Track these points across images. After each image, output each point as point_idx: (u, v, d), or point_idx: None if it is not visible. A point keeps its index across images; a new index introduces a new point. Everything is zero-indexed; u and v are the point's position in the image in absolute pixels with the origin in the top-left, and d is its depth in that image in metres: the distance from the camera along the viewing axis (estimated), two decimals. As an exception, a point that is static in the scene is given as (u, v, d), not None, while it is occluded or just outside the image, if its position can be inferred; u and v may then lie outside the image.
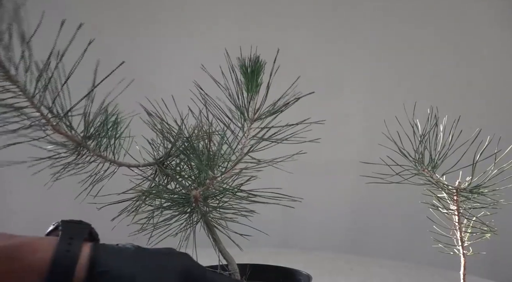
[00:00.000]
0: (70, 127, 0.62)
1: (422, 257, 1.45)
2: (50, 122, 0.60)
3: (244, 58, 0.64)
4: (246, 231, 0.67)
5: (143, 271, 0.55)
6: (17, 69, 0.56)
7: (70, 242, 0.54)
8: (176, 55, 2.01)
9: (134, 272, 0.55)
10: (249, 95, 0.67)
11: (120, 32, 1.97)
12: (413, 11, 2.01)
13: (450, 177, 0.71)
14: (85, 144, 0.64)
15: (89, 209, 0.64)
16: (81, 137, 0.64)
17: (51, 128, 0.60)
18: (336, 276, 1.22)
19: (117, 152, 0.68)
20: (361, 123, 2.01)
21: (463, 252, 0.73)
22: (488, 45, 1.96)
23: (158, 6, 2.03)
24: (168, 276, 0.57)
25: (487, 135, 0.67)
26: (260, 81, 0.66)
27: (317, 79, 1.84)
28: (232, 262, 0.72)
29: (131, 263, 0.55)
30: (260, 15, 2.05)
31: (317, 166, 1.87)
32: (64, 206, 0.60)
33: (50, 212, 1.67)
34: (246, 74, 0.65)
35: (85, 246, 0.54)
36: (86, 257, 0.53)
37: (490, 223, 0.71)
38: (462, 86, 1.96)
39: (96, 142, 0.65)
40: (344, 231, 2.02)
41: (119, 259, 0.55)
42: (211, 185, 0.65)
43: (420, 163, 0.72)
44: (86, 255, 0.53)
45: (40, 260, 0.52)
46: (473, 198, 0.71)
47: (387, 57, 2.01)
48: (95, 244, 0.56)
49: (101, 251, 0.55)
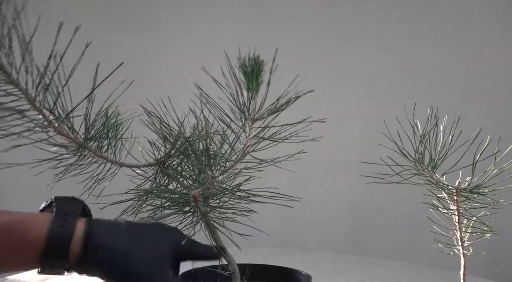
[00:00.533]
0: (72, 129, 0.62)
1: (422, 257, 1.45)
2: (52, 124, 0.60)
3: (244, 57, 0.64)
4: (246, 231, 0.67)
5: (135, 244, 0.58)
6: (18, 73, 0.57)
7: (65, 218, 0.56)
8: (176, 55, 2.01)
9: (127, 245, 0.58)
10: (250, 94, 0.67)
11: (120, 33, 1.97)
12: (413, 11, 2.01)
13: (450, 177, 0.71)
14: (86, 145, 0.65)
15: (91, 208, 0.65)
16: (83, 139, 0.64)
17: (53, 130, 0.61)
18: (336, 276, 1.22)
19: (118, 153, 0.68)
20: (361, 123, 2.01)
21: (463, 252, 0.73)
22: (488, 45, 1.96)
23: (158, 6, 2.03)
24: (159, 249, 0.60)
25: (487, 135, 0.67)
26: (260, 80, 0.66)
27: (317, 79, 1.83)
28: (232, 261, 0.72)
29: (124, 237, 0.58)
30: (259, 15, 2.05)
31: (317, 166, 1.87)
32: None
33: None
34: (246, 73, 0.65)
35: (79, 222, 0.57)
36: (80, 232, 0.56)
37: (490, 223, 0.71)
38: (462, 86, 1.96)
39: (97, 143, 0.66)
40: (344, 231, 2.01)
41: (112, 234, 0.58)
42: (210, 185, 0.66)
43: (420, 163, 0.72)
44: (80, 230, 0.56)
45: (38, 235, 0.55)
46: (473, 198, 0.71)
47: (387, 57, 2.01)
48: (89, 219, 0.58)
49: (95, 226, 0.58)
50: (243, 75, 0.65)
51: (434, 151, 0.71)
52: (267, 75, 0.66)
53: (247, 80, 0.65)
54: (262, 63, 0.65)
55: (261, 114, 0.68)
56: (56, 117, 0.60)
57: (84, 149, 0.65)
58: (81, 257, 0.57)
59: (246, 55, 0.64)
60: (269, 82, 0.65)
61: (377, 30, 2.01)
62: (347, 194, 2.00)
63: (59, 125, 0.61)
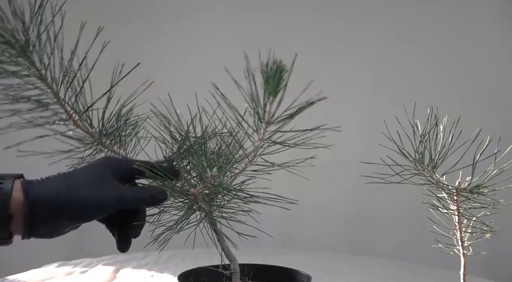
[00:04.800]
0: (90, 124, 0.67)
1: (422, 257, 1.45)
2: (72, 117, 0.65)
3: (267, 61, 0.65)
4: (246, 231, 0.67)
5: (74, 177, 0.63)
6: (47, 69, 0.61)
7: (2, 181, 0.60)
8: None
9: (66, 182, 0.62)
10: (268, 98, 0.67)
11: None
12: (414, 11, 2.01)
13: (450, 177, 0.71)
14: (100, 140, 0.68)
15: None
16: (98, 134, 0.67)
17: (72, 123, 0.65)
18: (336, 276, 1.22)
19: (131, 150, 0.71)
20: (361, 123, 2.01)
21: (463, 252, 0.73)
22: (488, 45, 1.96)
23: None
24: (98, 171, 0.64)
25: (487, 135, 0.67)
26: (281, 86, 0.66)
27: (317, 79, 1.83)
28: (234, 261, 0.72)
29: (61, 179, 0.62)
30: (259, 16, 2.05)
31: (317, 166, 1.87)
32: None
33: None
34: (267, 77, 0.65)
35: (15, 182, 0.60)
36: (18, 189, 0.60)
37: (490, 223, 0.71)
38: (462, 86, 1.96)
39: (111, 139, 0.69)
40: (344, 231, 2.02)
41: (49, 182, 0.62)
42: (209, 184, 0.66)
43: (420, 163, 0.72)
44: (18, 188, 0.60)
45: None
46: (473, 198, 0.71)
47: (388, 57, 2.01)
48: (24, 179, 0.61)
49: (31, 182, 0.61)
50: (264, 78, 0.65)
51: (434, 151, 0.71)
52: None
53: (267, 84, 0.66)
54: (284, 68, 0.65)
55: (276, 118, 0.68)
56: (76, 112, 0.65)
57: (98, 143, 0.68)
58: (24, 215, 0.59)
59: (268, 59, 0.64)
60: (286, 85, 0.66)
61: (377, 30, 2.01)
62: (347, 194, 2.00)
63: (78, 119, 0.65)
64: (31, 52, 0.60)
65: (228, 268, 0.72)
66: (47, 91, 0.62)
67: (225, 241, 0.71)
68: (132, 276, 1.20)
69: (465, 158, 0.67)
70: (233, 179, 0.70)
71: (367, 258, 1.52)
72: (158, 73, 1.91)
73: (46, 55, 0.61)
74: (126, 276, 1.21)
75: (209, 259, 0.76)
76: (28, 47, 0.60)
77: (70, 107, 0.64)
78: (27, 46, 0.59)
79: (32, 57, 0.60)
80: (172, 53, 2.03)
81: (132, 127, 0.69)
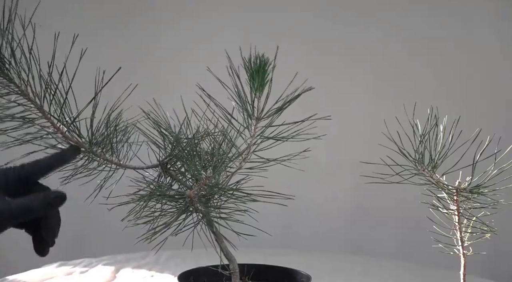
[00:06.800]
0: (79, 134, 0.65)
1: (422, 257, 1.45)
2: (60, 130, 0.64)
3: (250, 56, 0.65)
4: (246, 230, 0.67)
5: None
6: (27, 85, 0.60)
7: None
8: (179, 56, 2.01)
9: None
10: (255, 94, 0.67)
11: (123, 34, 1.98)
12: (414, 11, 2.01)
13: (450, 177, 0.71)
14: (91, 149, 0.67)
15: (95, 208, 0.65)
16: (88, 144, 0.66)
17: (61, 136, 0.64)
18: (336, 276, 1.22)
19: (124, 156, 0.70)
20: (361, 123, 2.01)
21: (463, 252, 0.73)
22: (488, 45, 1.96)
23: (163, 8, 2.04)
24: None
25: (487, 135, 0.67)
26: (266, 80, 0.66)
27: (317, 79, 1.83)
28: (234, 261, 0.72)
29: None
30: (261, 16, 2.05)
31: (317, 166, 1.87)
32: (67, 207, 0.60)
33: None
34: (252, 72, 0.65)
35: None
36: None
37: (490, 223, 0.71)
38: (462, 86, 1.96)
39: (101, 147, 0.68)
40: (344, 231, 2.01)
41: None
42: (204, 185, 0.66)
43: (420, 163, 0.72)
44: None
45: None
46: (473, 198, 0.71)
47: (388, 57, 2.01)
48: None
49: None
50: (249, 74, 0.65)
51: (434, 151, 0.71)
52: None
53: (252, 79, 0.66)
54: (267, 62, 0.65)
55: (265, 113, 0.68)
56: (63, 124, 0.63)
57: (89, 152, 0.67)
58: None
59: (252, 55, 0.64)
60: (271, 80, 0.65)
61: (377, 30, 2.01)
62: (347, 193, 2.00)
63: (66, 130, 0.64)
64: (8, 69, 0.59)
65: (227, 268, 0.72)
66: (31, 106, 0.61)
67: (223, 241, 0.71)
68: (132, 276, 1.20)
69: (465, 158, 0.67)
70: (228, 179, 0.70)
71: (367, 258, 1.52)
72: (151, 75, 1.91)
73: (23, 71, 0.60)
74: (126, 276, 1.21)
75: (209, 259, 0.76)
76: (4, 64, 0.58)
77: (56, 120, 0.63)
78: (2, 63, 0.58)
79: (10, 74, 0.59)
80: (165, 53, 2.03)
81: (123, 133, 0.68)
